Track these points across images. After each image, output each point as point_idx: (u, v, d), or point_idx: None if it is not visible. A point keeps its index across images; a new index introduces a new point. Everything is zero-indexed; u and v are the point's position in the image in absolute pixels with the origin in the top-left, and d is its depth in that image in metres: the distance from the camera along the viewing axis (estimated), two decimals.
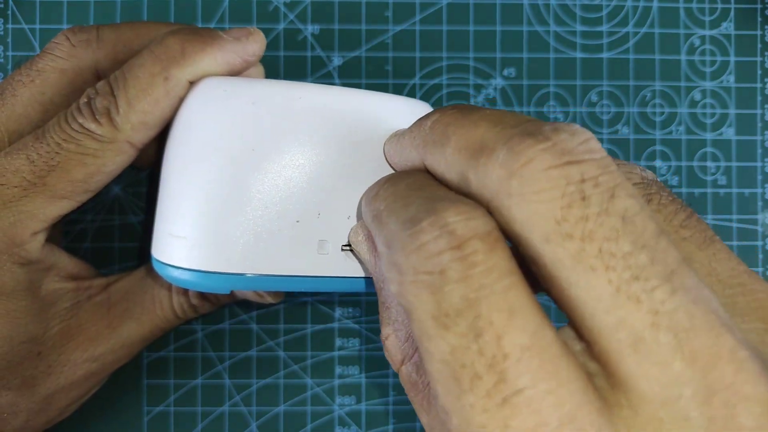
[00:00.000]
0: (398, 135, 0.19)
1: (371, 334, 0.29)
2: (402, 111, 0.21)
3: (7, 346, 0.21)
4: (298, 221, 0.19)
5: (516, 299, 0.13)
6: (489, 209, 0.14)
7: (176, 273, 0.19)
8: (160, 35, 0.21)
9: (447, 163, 0.15)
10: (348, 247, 0.20)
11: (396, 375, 0.28)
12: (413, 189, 0.15)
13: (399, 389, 0.29)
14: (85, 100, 0.21)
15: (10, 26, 0.28)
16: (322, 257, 0.20)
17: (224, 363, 0.28)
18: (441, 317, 0.13)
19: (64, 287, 0.22)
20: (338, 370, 0.29)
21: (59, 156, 0.20)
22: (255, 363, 0.28)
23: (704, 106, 0.29)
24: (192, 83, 0.21)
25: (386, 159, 0.20)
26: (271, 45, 0.29)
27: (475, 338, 0.13)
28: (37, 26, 0.28)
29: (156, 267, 0.20)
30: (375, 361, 0.29)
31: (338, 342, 0.29)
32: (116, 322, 0.23)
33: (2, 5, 0.28)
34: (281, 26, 0.29)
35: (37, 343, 0.22)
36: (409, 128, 0.18)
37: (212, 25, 0.29)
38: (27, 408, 0.22)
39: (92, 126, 0.20)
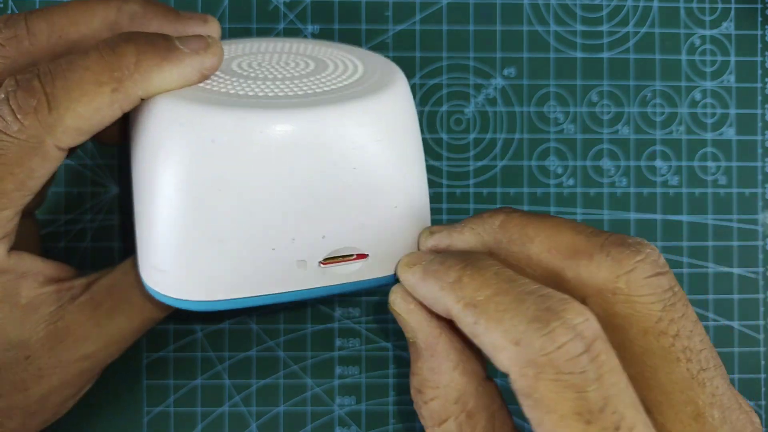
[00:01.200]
0: (448, 229, 0.20)
1: (371, 334, 0.29)
2: (361, 122, 0.20)
3: None
4: (273, 249, 0.20)
5: (633, 394, 0.16)
6: (585, 302, 0.17)
7: (164, 299, 0.20)
8: (113, 38, 0.19)
9: (532, 259, 0.19)
10: (327, 262, 0.20)
11: (396, 375, 0.28)
12: (507, 281, 0.17)
13: (399, 389, 0.29)
14: (3, 95, 0.19)
15: None
16: (300, 272, 0.20)
17: (224, 363, 0.28)
18: (585, 413, 0.15)
19: (44, 292, 0.21)
20: (338, 370, 0.28)
21: None
22: (255, 363, 0.28)
23: (704, 106, 0.29)
24: (143, 99, 0.20)
25: (419, 242, 0.21)
26: None
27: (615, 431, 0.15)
28: None
29: (147, 289, 0.21)
30: (375, 361, 0.29)
31: (338, 342, 0.29)
32: (104, 320, 0.22)
33: (2, 5, 0.28)
34: (281, 26, 0.29)
35: (23, 348, 0.21)
36: (469, 222, 0.20)
37: None
38: (21, 411, 0.22)
39: (14, 128, 0.18)
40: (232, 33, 0.29)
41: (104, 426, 0.28)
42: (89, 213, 0.28)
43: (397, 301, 0.20)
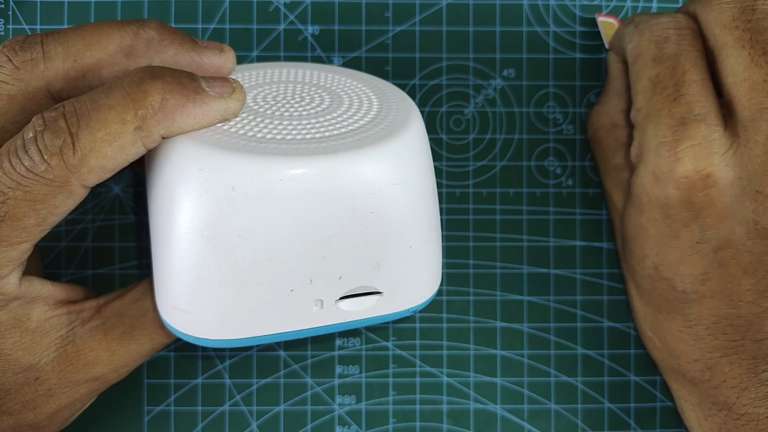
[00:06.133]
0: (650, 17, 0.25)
1: (371, 334, 0.29)
2: (380, 168, 0.20)
3: (1, 380, 0.21)
4: (292, 290, 0.20)
5: (698, 59, 0.23)
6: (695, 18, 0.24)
7: (184, 337, 0.21)
8: (138, 73, 0.19)
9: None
10: (343, 298, 0.21)
11: (396, 375, 0.29)
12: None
13: (399, 389, 0.29)
14: (31, 134, 0.19)
15: (10, 26, 0.28)
16: (317, 311, 0.21)
17: (224, 362, 0.28)
18: (657, 58, 0.23)
19: (54, 315, 0.21)
20: (338, 369, 0.29)
21: (6, 206, 0.19)
22: (255, 362, 0.28)
23: None
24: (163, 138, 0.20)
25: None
26: (272, 46, 0.29)
27: (671, 70, 0.23)
28: (38, 27, 0.28)
29: (166, 326, 0.21)
30: (375, 361, 0.29)
31: (338, 341, 0.29)
32: (115, 345, 0.22)
33: (3, 5, 0.28)
34: (281, 27, 0.29)
35: (33, 371, 0.21)
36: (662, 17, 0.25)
37: (212, 26, 0.29)
38: (30, 427, 0.22)
39: (41, 168, 0.18)
40: (233, 34, 0.29)
41: (105, 425, 0.28)
42: (90, 213, 0.28)
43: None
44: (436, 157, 0.29)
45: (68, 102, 0.19)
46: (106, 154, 0.19)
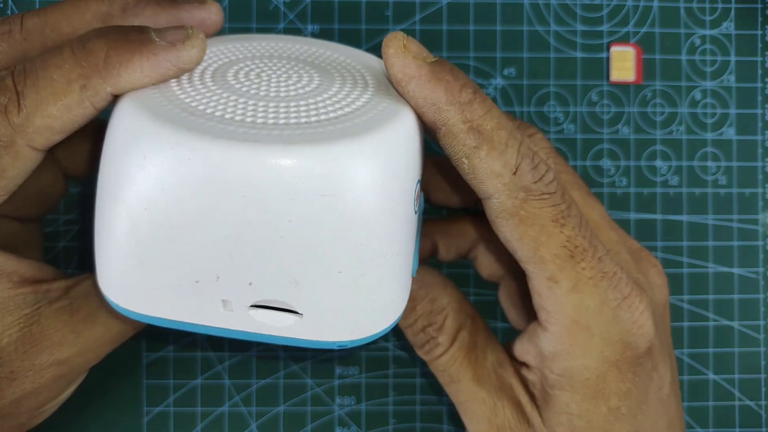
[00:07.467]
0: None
1: None
2: (305, 170, 0.17)
3: None
4: (197, 282, 0.18)
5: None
6: None
7: (111, 304, 0.20)
8: (87, 34, 0.19)
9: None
10: (258, 307, 0.19)
11: (396, 375, 0.29)
12: (504, 118, 0.20)
13: (399, 389, 0.29)
14: None
15: None
16: (228, 312, 0.19)
17: (224, 363, 0.28)
18: (559, 219, 0.20)
19: (19, 293, 0.21)
20: (338, 370, 0.29)
21: None
22: (255, 363, 0.28)
23: (705, 106, 0.29)
24: (117, 96, 0.19)
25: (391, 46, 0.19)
26: None
27: None
28: None
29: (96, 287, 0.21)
30: (375, 362, 0.29)
31: None
32: (80, 326, 0.21)
33: (2, 5, 0.28)
34: (281, 26, 0.29)
35: None
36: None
37: None
38: None
39: None
40: (232, 33, 0.29)
41: (104, 426, 0.28)
42: (88, 212, 0.28)
43: None
44: None
45: (20, 62, 0.19)
46: (51, 113, 0.18)
